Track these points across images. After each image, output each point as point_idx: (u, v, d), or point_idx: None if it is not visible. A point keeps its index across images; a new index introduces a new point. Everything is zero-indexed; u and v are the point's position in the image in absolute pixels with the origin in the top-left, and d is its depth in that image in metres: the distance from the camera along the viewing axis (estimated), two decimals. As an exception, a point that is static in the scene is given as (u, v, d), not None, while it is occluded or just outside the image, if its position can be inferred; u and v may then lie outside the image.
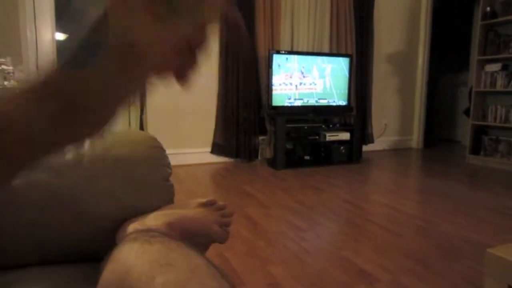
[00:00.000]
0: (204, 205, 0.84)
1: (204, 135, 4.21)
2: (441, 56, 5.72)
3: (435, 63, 5.50)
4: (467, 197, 3.04)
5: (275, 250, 1.98)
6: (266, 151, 4.34)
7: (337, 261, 1.85)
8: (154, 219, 0.73)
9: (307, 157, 4.34)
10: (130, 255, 0.48)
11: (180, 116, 4.10)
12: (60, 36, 4.22)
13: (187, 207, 0.81)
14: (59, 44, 4.20)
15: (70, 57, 0.26)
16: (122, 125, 4.31)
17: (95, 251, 0.84)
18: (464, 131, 5.38)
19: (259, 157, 4.41)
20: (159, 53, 0.26)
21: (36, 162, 0.27)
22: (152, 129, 3.96)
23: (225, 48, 4.10)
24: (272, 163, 4.06)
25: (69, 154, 0.85)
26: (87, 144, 0.90)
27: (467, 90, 5.50)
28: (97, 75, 0.25)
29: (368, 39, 4.81)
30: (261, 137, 4.37)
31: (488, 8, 4.13)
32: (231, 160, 4.28)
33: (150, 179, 0.90)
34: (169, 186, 0.93)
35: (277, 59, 4.04)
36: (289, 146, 4.19)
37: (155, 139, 1.00)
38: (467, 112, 4.91)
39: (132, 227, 0.72)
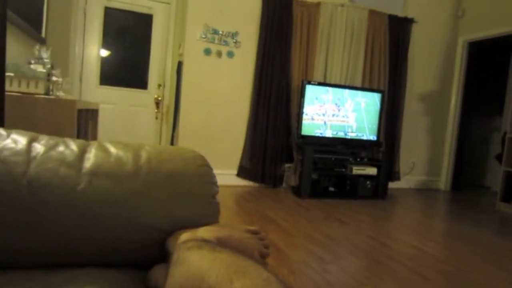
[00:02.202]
0: (249, 231, 0.88)
1: (232, 158, 4.28)
2: (474, 99, 5.66)
3: (467, 106, 5.44)
4: (496, 246, 2.95)
5: (297, 279, 1.97)
6: (291, 179, 4.36)
7: (361, 297, 1.83)
8: (206, 232, 0.78)
9: (332, 189, 4.33)
10: (203, 260, 0.52)
11: (210, 136, 4.21)
12: (104, 53, 4.46)
13: (234, 229, 0.85)
14: (103, 60, 4.43)
15: None
16: (154, 141, 4.45)
17: (141, 258, 0.89)
18: (495, 177, 5.25)
19: (283, 184, 4.43)
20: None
21: None
22: (182, 146, 4.06)
23: (259, 76, 4.21)
24: (297, 191, 4.07)
25: (129, 165, 0.91)
26: (144, 157, 0.97)
27: (499, 135, 5.39)
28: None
29: (401, 77, 4.84)
30: (287, 165, 4.41)
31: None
32: (256, 184, 4.31)
33: (199, 195, 0.95)
34: (216, 204, 0.98)
35: (312, 90, 4.11)
36: (314, 176, 4.19)
37: (204, 158, 1.06)
38: (499, 157, 4.80)
39: (185, 235, 0.77)
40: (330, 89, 4.23)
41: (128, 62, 4.58)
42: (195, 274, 0.50)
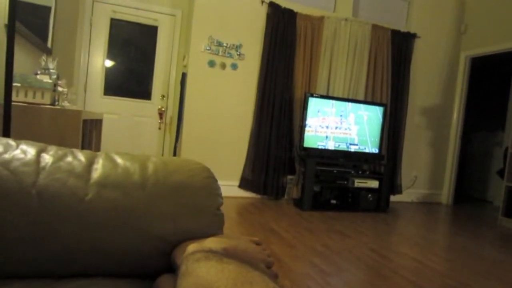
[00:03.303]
0: (253, 242, 0.89)
1: (234, 169, 4.29)
2: (476, 114, 5.69)
3: (469, 120, 5.46)
4: (499, 261, 2.93)
5: (299, 292, 1.96)
6: (293, 191, 4.36)
7: (363, 311, 1.81)
8: (213, 243, 0.78)
9: (333, 201, 4.32)
10: (211, 272, 0.53)
11: (212, 147, 4.22)
12: (109, 63, 4.50)
13: (239, 240, 0.86)
14: (107, 71, 4.47)
15: None
16: (157, 152, 4.47)
17: (147, 269, 0.90)
18: (496, 192, 5.23)
19: (285, 196, 4.42)
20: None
21: None
22: (184, 157, 4.07)
23: (262, 88, 4.24)
24: (299, 203, 4.06)
25: (136, 176, 0.93)
26: (151, 168, 0.98)
27: (501, 150, 5.40)
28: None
29: (403, 91, 4.87)
30: (289, 177, 4.41)
31: (528, 71, 4.13)
32: (258, 196, 4.31)
33: (205, 206, 0.96)
34: (221, 215, 0.99)
35: (315, 102, 4.14)
36: (316, 188, 4.19)
37: (209, 170, 1.07)
38: (500, 172, 4.79)
39: (192, 247, 0.78)
40: (334, 102, 4.26)
41: (133, 72, 4.62)
42: (203, 286, 0.51)
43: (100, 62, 4.40)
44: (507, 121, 5.55)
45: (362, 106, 4.38)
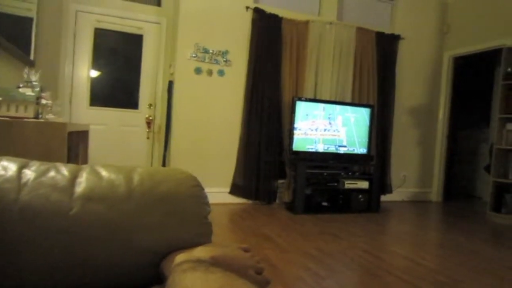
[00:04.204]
0: (241, 249, 0.89)
1: (224, 176, 4.27)
2: (462, 111, 5.77)
3: (456, 118, 5.54)
4: (489, 255, 2.97)
5: (293, 297, 1.96)
6: (284, 195, 4.36)
7: (357, 313, 1.82)
8: (201, 252, 0.78)
9: (325, 204, 4.33)
10: (197, 282, 0.52)
11: (202, 155, 4.20)
12: (94, 73, 4.47)
13: (228, 248, 0.85)
14: (93, 81, 4.43)
15: None
16: (146, 161, 4.44)
17: (136, 282, 0.88)
18: (484, 187, 5.30)
19: (277, 200, 4.42)
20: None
21: None
22: (174, 165, 4.05)
23: (250, 94, 4.25)
24: (291, 207, 4.07)
25: (121, 188, 0.92)
26: (136, 179, 0.97)
27: (487, 146, 5.48)
28: None
29: (389, 91, 4.92)
30: (280, 181, 4.41)
31: (510, 69, 4.20)
32: (249, 201, 4.30)
33: (193, 215, 0.95)
34: (209, 224, 0.98)
35: (303, 106, 4.16)
36: (308, 191, 4.20)
37: (196, 179, 1.06)
38: (487, 168, 4.86)
39: (180, 257, 0.77)
40: (322, 105, 4.28)
41: (119, 82, 4.59)
42: None
43: (85, 72, 4.36)
44: (491, 118, 5.64)
45: (349, 108, 4.41)
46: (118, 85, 4.58)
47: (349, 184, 4.16)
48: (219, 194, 4.17)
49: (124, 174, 0.94)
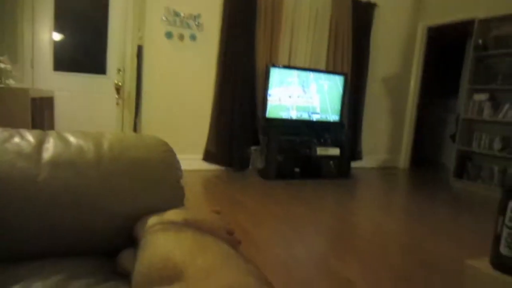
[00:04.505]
0: (213, 212, 0.91)
1: (197, 142, 4.25)
2: (433, 81, 5.90)
3: (426, 88, 5.67)
4: (449, 218, 3.15)
5: (264, 257, 2.03)
6: (257, 162, 4.41)
7: (324, 271, 1.91)
8: (173, 215, 0.79)
9: (297, 170, 4.41)
10: (169, 241, 0.54)
11: (175, 121, 4.15)
12: (58, 37, 4.24)
13: (200, 211, 0.87)
14: (57, 45, 4.21)
15: None
16: (115, 129, 4.34)
17: (108, 245, 0.89)
18: (449, 155, 5.54)
19: (250, 167, 4.47)
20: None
21: None
22: (145, 132, 3.99)
23: (223, 60, 4.17)
24: (263, 173, 4.12)
25: (90, 154, 0.90)
26: (106, 145, 0.95)
27: (455, 116, 5.68)
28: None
29: (364, 60, 4.95)
30: (253, 148, 4.44)
31: (480, 41, 4.30)
32: (223, 168, 4.32)
33: (164, 180, 0.95)
34: (181, 188, 0.99)
35: (277, 73, 4.14)
36: (280, 158, 4.25)
37: (167, 144, 1.06)
38: (453, 137, 5.06)
39: (153, 220, 0.78)
40: (296, 72, 4.27)
41: (85, 46, 4.38)
42: (161, 254, 0.52)
43: (47, 35, 4.12)
44: (460, 89, 5.81)
45: (323, 75, 4.43)
46: (84, 49, 4.37)
47: (321, 151, 4.24)
48: (192, 160, 4.17)
49: (93, 140, 0.93)
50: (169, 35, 4.02)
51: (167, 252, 0.52)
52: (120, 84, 4.39)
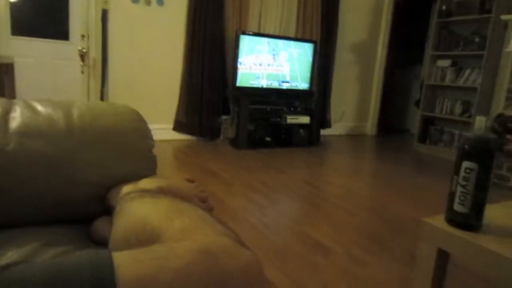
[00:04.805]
0: (186, 180, 0.93)
1: (167, 112, 4.20)
2: (399, 49, 6.00)
3: (393, 55, 5.77)
4: (412, 181, 3.32)
5: (238, 225, 2.09)
6: (228, 131, 4.42)
7: (296, 235, 2.00)
8: (147, 183, 0.80)
9: (268, 139, 4.46)
10: (145, 207, 0.55)
11: (142, 91, 4.06)
12: (15, -2, 3.98)
13: (173, 179, 0.89)
14: (13, 6, 3.96)
15: None
16: (81, 97, 4.20)
17: (84, 213, 0.90)
18: (414, 121, 5.74)
19: (221, 136, 4.47)
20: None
21: None
22: (113, 102, 3.89)
23: (191, 27, 4.07)
24: (234, 142, 4.15)
25: (60, 123, 0.89)
26: (76, 114, 0.94)
27: (419, 82, 5.84)
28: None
29: (333, 27, 4.95)
30: (224, 117, 4.43)
31: (444, 7, 4.38)
32: (193, 138, 4.31)
33: (136, 149, 0.96)
34: (153, 157, 1.00)
35: (247, 40, 4.08)
36: (251, 127, 4.28)
37: (138, 113, 1.05)
38: (418, 103, 5.24)
39: (127, 188, 0.79)
40: (266, 39, 4.23)
41: (46, 9, 4.14)
42: (138, 219, 0.54)
43: (4, -2, 3.86)
44: (425, 55, 5.96)
45: (293, 43, 4.41)
46: (45, 12, 4.13)
47: (291, 119, 4.30)
48: (162, 130, 4.12)
49: (63, 109, 0.91)
50: (134, -1, 3.85)
51: (144, 216, 0.54)
52: (84, 50, 4.21)
